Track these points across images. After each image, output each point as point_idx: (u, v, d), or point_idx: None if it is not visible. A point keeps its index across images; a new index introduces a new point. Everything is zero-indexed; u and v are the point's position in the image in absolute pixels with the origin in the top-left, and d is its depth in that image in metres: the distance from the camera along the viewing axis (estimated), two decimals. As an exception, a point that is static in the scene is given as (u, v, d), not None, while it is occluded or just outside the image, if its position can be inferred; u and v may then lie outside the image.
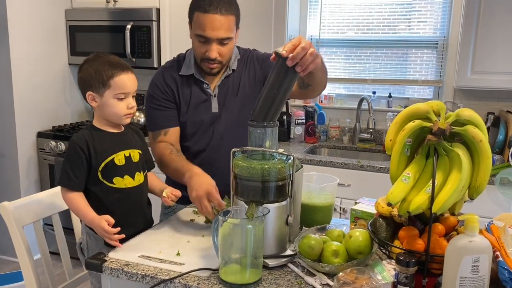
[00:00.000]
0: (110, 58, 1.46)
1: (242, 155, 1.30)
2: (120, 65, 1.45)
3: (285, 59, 1.20)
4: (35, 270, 1.57)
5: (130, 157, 1.50)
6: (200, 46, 1.64)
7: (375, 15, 3.18)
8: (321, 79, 1.59)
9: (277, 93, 1.24)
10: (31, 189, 3.31)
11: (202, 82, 1.74)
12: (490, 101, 2.92)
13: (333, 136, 3.29)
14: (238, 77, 1.76)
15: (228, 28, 1.60)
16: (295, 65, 1.22)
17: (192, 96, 1.74)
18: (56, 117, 3.52)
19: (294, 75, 1.24)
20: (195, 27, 1.62)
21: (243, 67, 1.78)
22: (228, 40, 1.63)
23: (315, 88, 1.64)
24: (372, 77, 3.27)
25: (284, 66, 1.22)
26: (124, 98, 1.45)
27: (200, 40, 1.62)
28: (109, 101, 1.44)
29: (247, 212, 1.22)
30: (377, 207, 1.30)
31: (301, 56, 1.20)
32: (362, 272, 1.12)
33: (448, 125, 1.14)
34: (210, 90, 1.75)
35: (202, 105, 1.74)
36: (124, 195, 1.48)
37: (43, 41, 3.36)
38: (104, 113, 1.47)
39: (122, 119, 1.47)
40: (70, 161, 1.43)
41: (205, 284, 1.15)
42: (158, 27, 3.26)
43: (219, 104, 1.75)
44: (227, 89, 1.75)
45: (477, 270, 1.01)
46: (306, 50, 1.20)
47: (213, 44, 1.61)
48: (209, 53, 1.63)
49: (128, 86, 1.45)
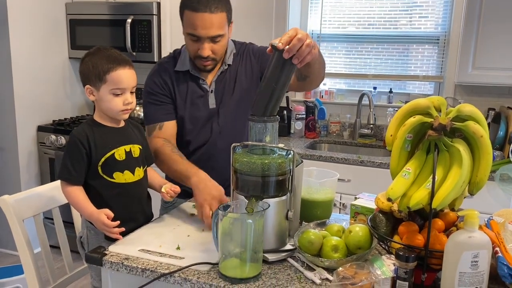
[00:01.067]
0: (110, 52, 1.46)
1: (242, 150, 1.30)
2: (118, 60, 1.44)
3: (282, 52, 1.19)
4: (36, 263, 1.57)
5: (130, 152, 1.50)
6: (192, 44, 1.63)
7: (376, 10, 3.17)
8: (318, 70, 1.58)
9: (276, 86, 1.23)
10: (31, 183, 3.32)
11: (198, 78, 1.74)
12: (491, 97, 2.91)
13: (334, 132, 3.29)
14: (234, 72, 1.76)
15: (219, 26, 1.59)
16: (292, 57, 1.21)
17: (188, 92, 1.73)
18: (56, 111, 3.52)
19: (291, 67, 1.23)
20: (186, 25, 1.61)
21: (239, 62, 1.77)
22: (220, 37, 1.62)
23: (313, 79, 1.63)
24: (373, 73, 3.26)
25: (281, 58, 1.21)
26: (120, 94, 1.44)
27: (192, 39, 1.62)
28: (105, 96, 1.43)
29: (247, 206, 1.22)
30: (377, 202, 1.30)
31: (297, 48, 1.19)
32: (361, 267, 1.12)
33: (449, 120, 1.14)
34: (207, 85, 1.74)
35: (199, 101, 1.74)
36: (124, 190, 1.48)
37: (44, 34, 3.35)
38: (101, 108, 1.47)
39: (119, 114, 1.47)
40: (70, 155, 1.43)
41: (205, 278, 1.16)
42: (159, 21, 3.25)
43: (216, 99, 1.74)
44: (223, 85, 1.75)
45: (476, 265, 1.01)
46: (303, 41, 1.19)
47: (205, 43, 1.60)
48: (201, 51, 1.62)
49: (124, 81, 1.43)
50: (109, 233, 1.38)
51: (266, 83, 1.24)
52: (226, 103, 1.75)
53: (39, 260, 1.59)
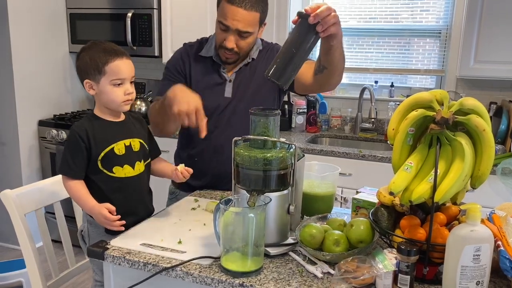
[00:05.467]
0: (106, 45, 1.46)
1: (244, 144, 1.30)
2: (114, 51, 1.44)
3: (307, 17, 1.19)
4: (38, 257, 1.58)
5: (130, 146, 1.50)
6: (220, 33, 1.66)
7: (377, 4, 3.16)
8: (338, 61, 1.51)
9: (295, 52, 1.21)
10: (32, 178, 3.32)
11: (220, 65, 1.76)
12: (493, 90, 2.90)
13: (335, 126, 3.29)
14: (255, 67, 1.77)
15: (249, 23, 1.61)
16: (317, 25, 1.21)
17: (206, 78, 1.76)
18: (57, 105, 3.51)
19: (314, 35, 1.22)
20: (219, 13, 1.65)
21: (262, 58, 1.78)
22: (248, 34, 1.64)
23: (331, 72, 1.55)
24: (374, 67, 3.25)
25: (306, 24, 1.20)
26: (120, 84, 1.44)
27: (221, 27, 1.64)
28: (106, 88, 1.44)
29: (249, 201, 1.22)
30: (379, 196, 1.30)
31: (324, 15, 1.21)
32: (363, 261, 1.12)
33: (451, 114, 1.13)
34: (226, 75, 1.76)
35: (216, 88, 1.76)
36: (124, 184, 1.48)
37: (44, 29, 3.34)
38: (103, 101, 1.47)
39: (121, 105, 1.47)
40: (70, 149, 1.43)
41: (206, 272, 1.16)
42: (159, 15, 3.23)
43: (233, 90, 1.76)
44: (243, 77, 1.76)
45: (478, 259, 1.01)
46: (331, 11, 1.22)
47: (232, 34, 1.63)
48: (226, 42, 1.64)
49: (123, 71, 1.44)
50: (110, 227, 1.38)
51: (286, 48, 1.23)
52: (242, 95, 1.76)
53: (41, 254, 1.60)
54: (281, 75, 1.23)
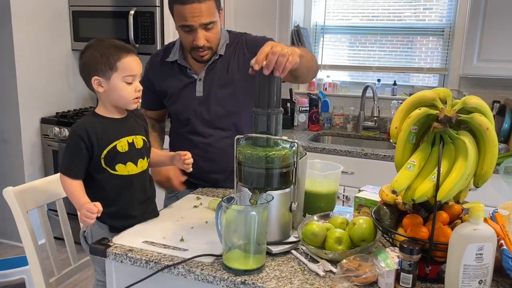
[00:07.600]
0: (114, 41, 1.45)
1: (246, 142, 1.29)
2: (125, 47, 1.44)
3: (261, 70, 1.22)
4: (40, 255, 1.58)
5: (133, 143, 1.49)
6: (187, 36, 1.66)
7: (380, 2, 3.15)
8: (307, 69, 1.59)
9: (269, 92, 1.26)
10: (35, 175, 3.32)
11: (185, 67, 1.77)
12: (496, 89, 2.89)
13: (337, 124, 3.28)
14: (226, 62, 1.76)
15: (209, 13, 1.62)
16: (273, 71, 1.23)
17: (176, 82, 1.78)
18: (59, 103, 3.52)
19: (276, 79, 1.26)
20: (177, 19, 1.65)
21: (232, 53, 1.77)
22: (212, 24, 1.65)
23: (305, 77, 1.69)
24: (377, 65, 3.24)
25: (264, 76, 1.23)
26: (131, 82, 1.44)
27: (185, 30, 1.65)
28: (118, 84, 1.42)
29: (251, 199, 1.22)
30: (381, 194, 1.30)
31: (274, 62, 1.21)
32: (365, 259, 1.12)
33: (455, 112, 1.13)
34: (195, 74, 1.77)
35: (185, 89, 1.77)
36: (127, 182, 1.48)
37: (46, 26, 3.34)
38: (112, 98, 1.45)
39: (131, 103, 1.45)
40: (70, 149, 1.42)
41: (208, 270, 1.16)
42: (162, 12, 3.23)
43: (204, 88, 1.76)
44: (213, 74, 1.76)
45: (481, 258, 1.01)
46: (277, 54, 1.20)
47: (199, 32, 1.63)
48: (196, 41, 1.65)
49: (135, 68, 1.44)
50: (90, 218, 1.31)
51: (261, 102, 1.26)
52: (215, 92, 1.76)
53: (44, 252, 1.60)
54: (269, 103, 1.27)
